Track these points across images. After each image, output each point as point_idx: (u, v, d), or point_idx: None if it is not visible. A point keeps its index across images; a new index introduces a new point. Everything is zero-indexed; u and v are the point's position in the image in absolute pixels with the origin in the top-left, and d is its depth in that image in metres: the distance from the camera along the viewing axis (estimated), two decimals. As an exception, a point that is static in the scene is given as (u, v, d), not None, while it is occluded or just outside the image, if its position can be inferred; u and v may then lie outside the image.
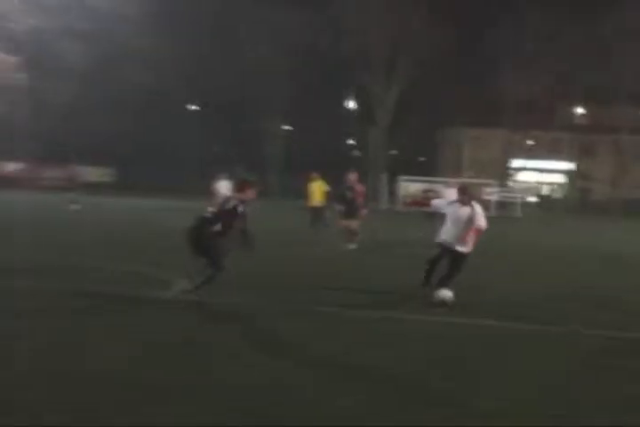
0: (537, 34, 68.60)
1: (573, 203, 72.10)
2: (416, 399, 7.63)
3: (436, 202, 14.09)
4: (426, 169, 74.42)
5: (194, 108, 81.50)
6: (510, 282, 16.99)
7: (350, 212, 23.17)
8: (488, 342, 10.47)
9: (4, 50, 59.89)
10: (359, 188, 23.53)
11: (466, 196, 13.13)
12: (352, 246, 22.72)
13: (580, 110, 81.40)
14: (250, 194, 12.07)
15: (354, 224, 23.16)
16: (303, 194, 28.83)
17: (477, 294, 14.45)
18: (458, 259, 13.10)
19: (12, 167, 64.86)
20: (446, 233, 13.20)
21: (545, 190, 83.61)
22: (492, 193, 61.97)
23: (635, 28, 65.76)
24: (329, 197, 26.86)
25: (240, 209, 11.70)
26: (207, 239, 11.70)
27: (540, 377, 8.69)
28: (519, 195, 64.77)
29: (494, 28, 66.92)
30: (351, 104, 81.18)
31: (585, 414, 7.42)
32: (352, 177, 23.62)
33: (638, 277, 20.07)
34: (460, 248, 13.05)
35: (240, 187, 12.25)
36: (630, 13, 64.08)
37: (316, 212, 27.10)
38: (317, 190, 27.17)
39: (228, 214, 11.68)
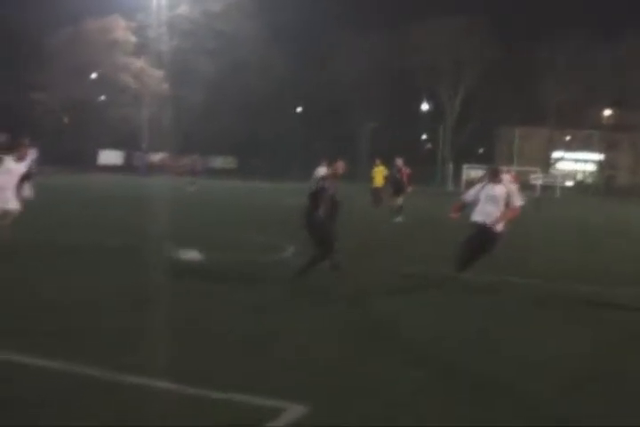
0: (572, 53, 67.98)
1: (602, 187, 70.69)
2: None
3: (467, 196, 11.62)
4: (484, 159, 73.25)
5: (299, 110, 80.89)
6: (554, 250, 16.61)
7: (397, 189, 22.75)
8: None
9: (153, 65, 60.97)
10: (405, 170, 23.03)
11: (498, 177, 11.36)
12: (398, 219, 21.79)
13: (607, 113, 79.15)
14: (340, 167, 10.82)
15: (399, 200, 22.63)
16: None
17: (528, 258, 14.39)
18: (490, 240, 11.07)
19: (158, 157, 65.54)
20: (481, 212, 11.12)
21: (579, 177, 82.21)
22: (537, 178, 60.68)
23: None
24: (387, 180, 25.60)
25: (323, 185, 10.44)
26: (314, 224, 10.33)
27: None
28: (559, 180, 63.28)
29: (538, 47, 67.41)
30: (425, 107, 79.30)
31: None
32: (399, 162, 23.20)
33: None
34: (493, 227, 10.97)
35: (331, 162, 11.41)
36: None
37: (377, 192, 26.28)
38: (379, 175, 26.32)
39: (321, 194, 10.37)
